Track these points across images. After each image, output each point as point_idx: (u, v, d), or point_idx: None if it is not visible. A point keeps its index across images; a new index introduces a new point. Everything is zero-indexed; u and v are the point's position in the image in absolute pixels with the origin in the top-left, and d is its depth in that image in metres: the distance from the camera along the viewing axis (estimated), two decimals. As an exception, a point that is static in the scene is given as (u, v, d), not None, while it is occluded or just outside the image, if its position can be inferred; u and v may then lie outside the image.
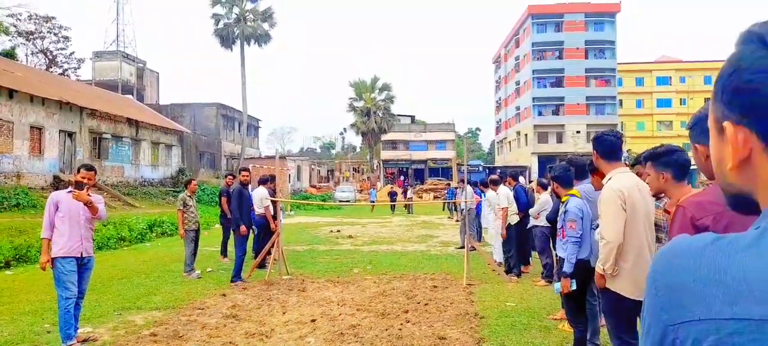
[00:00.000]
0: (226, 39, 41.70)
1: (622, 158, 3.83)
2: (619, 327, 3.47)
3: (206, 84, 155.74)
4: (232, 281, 8.49)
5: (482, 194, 14.29)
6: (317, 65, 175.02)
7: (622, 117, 62.72)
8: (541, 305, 6.80)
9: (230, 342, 5.44)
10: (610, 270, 3.38)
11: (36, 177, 24.62)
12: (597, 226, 4.00)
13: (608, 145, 3.62)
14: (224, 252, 10.96)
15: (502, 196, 8.91)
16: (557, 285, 4.41)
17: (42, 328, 5.94)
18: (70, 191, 5.41)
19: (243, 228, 8.78)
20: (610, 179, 3.53)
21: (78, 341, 5.35)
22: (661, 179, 2.79)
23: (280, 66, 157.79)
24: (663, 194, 2.97)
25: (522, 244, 9.04)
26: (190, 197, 9.42)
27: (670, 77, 66.80)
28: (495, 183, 9.56)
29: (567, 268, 4.21)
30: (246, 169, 9.73)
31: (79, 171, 5.52)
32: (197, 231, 9.48)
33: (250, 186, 9.80)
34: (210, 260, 10.88)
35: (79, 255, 5.39)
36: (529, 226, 8.52)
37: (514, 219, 8.91)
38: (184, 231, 9.26)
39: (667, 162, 2.79)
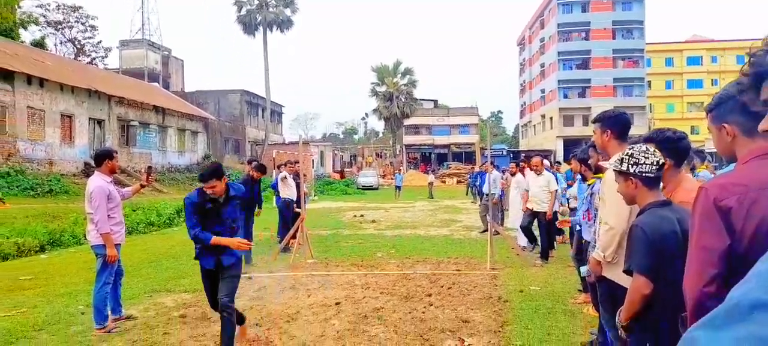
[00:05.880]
0: (248, 25, 41.98)
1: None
2: (616, 318, 3.36)
3: (230, 71, 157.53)
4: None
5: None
6: (339, 50, 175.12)
7: (651, 99, 61.26)
8: (565, 289, 6.75)
9: (256, 324, 5.55)
10: (610, 257, 3.27)
11: (67, 164, 25.30)
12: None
13: (625, 125, 3.52)
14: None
15: (552, 179, 8.80)
16: (584, 268, 4.35)
17: (76, 309, 6.14)
18: (111, 181, 5.53)
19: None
20: None
21: (122, 319, 5.54)
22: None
23: (302, 52, 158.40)
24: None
25: (548, 229, 8.96)
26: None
27: (702, 57, 64.82)
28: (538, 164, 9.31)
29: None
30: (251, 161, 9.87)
31: (112, 157, 5.56)
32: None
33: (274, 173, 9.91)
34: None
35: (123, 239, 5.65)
36: (554, 210, 8.45)
37: (541, 206, 8.81)
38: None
39: (671, 148, 2.72)
